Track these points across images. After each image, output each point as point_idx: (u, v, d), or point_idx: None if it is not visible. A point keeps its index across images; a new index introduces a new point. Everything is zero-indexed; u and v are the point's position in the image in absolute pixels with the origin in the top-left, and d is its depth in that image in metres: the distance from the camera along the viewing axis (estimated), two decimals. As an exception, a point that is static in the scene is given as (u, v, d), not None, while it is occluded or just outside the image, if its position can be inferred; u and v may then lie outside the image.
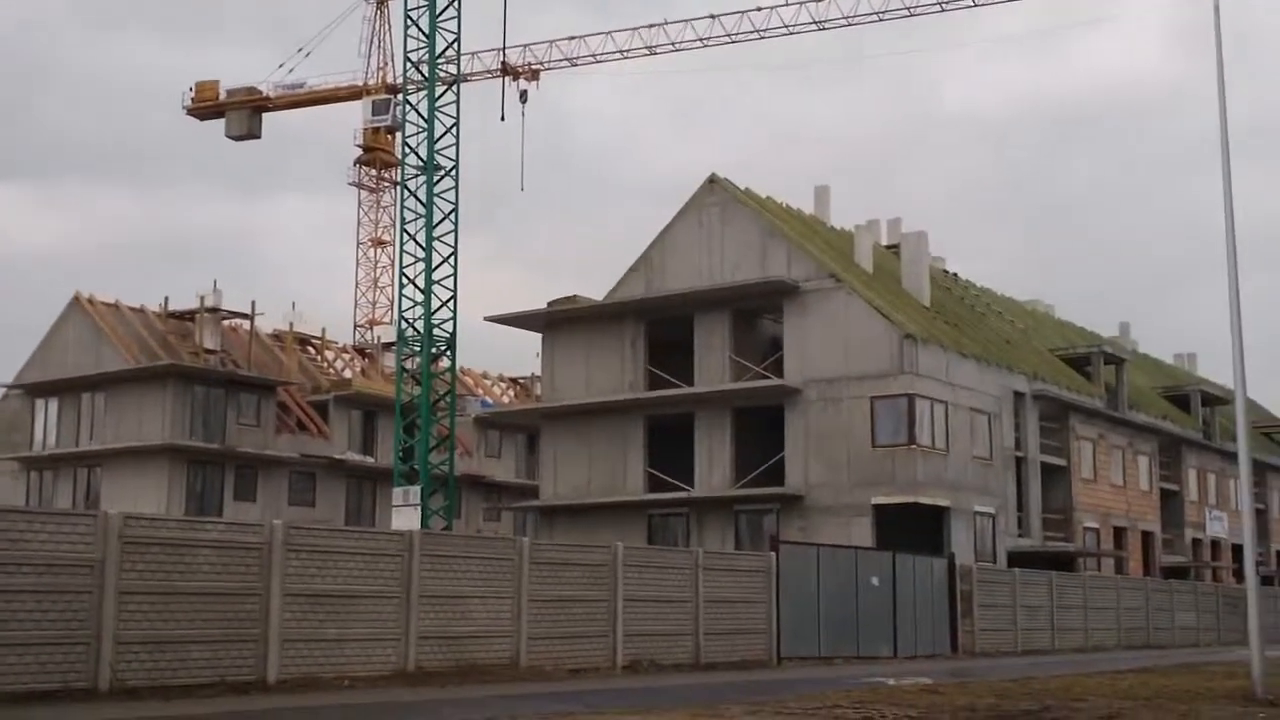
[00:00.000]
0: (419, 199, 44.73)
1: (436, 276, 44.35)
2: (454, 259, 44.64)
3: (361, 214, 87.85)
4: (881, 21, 53.37)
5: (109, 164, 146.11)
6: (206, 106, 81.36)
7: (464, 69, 48.01)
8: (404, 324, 45.21)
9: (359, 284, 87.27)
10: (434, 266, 44.29)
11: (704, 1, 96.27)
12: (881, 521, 42.12)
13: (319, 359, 64.11)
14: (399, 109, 61.35)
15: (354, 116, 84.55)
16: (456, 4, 45.46)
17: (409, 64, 45.76)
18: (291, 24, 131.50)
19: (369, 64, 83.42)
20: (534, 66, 59.73)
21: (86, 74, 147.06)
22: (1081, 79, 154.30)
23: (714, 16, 56.07)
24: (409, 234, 44.97)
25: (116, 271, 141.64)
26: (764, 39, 55.14)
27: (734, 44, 56.16)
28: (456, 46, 45.65)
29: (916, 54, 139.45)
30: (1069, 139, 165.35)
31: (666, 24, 57.72)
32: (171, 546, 18.79)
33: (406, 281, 44.92)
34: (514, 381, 71.60)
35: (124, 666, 17.94)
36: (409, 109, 45.94)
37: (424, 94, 45.24)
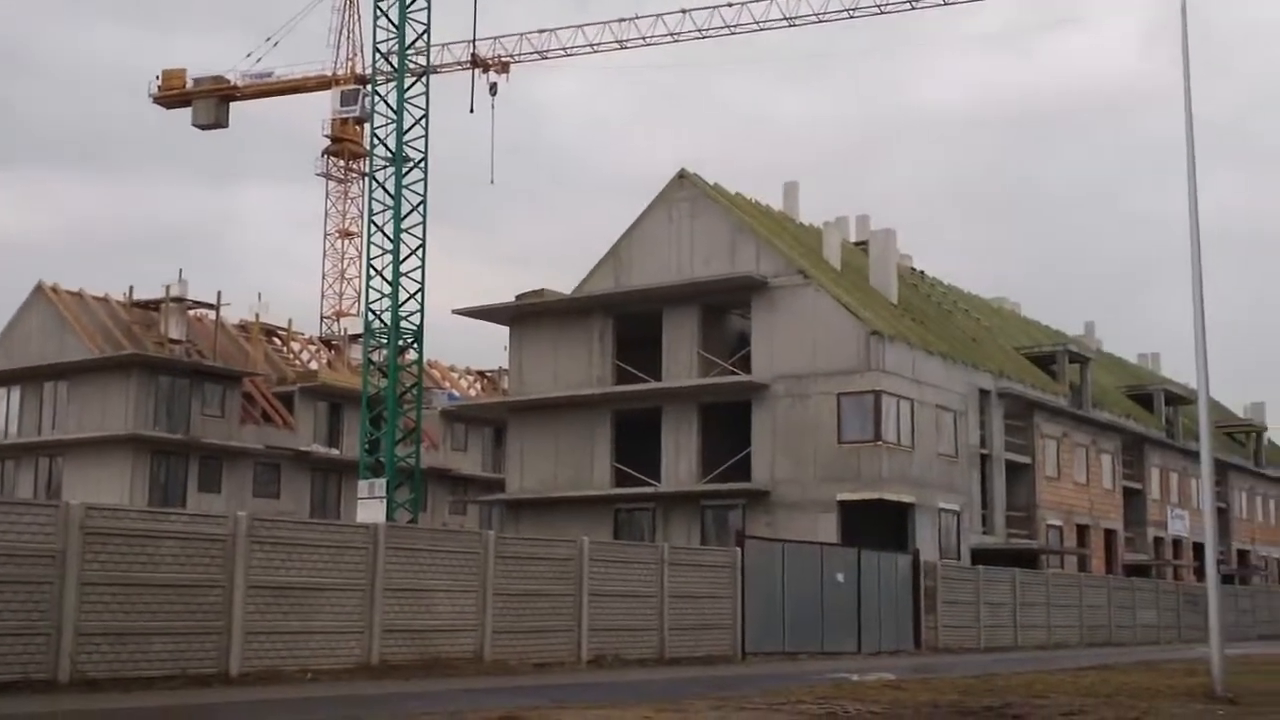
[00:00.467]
0: (387, 190, 44.57)
1: (404, 269, 44.20)
2: (422, 251, 44.51)
3: (329, 205, 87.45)
4: (852, 19, 53.44)
5: (74, 152, 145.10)
6: (173, 95, 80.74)
7: (434, 60, 47.84)
8: (371, 316, 45.04)
9: (326, 275, 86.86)
10: (402, 259, 44.14)
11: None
12: (847, 517, 42.25)
13: (285, 350, 63.84)
14: (368, 100, 61.03)
15: (322, 107, 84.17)
16: (426, -5, 45.29)
17: (378, 55, 45.56)
18: (260, 13, 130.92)
19: (338, 54, 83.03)
20: (504, 59, 59.59)
21: (52, 60, 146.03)
22: (1051, 78, 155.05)
23: (685, 11, 56.03)
24: (377, 225, 44.81)
25: (81, 260, 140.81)
26: (735, 34, 55.15)
27: (705, 39, 56.14)
28: (426, 38, 45.49)
29: (887, 52, 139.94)
30: (1038, 138, 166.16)
31: (637, 18, 57.69)
32: (134, 538, 18.67)
33: (374, 273, 44.77)
34: (481, 374, 71.47)
35: (84, 658, 17.81)
36: (378, 100, 45.76)
37: (393, 85, 45.07)
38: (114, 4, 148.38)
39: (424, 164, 44.65)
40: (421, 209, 44.53)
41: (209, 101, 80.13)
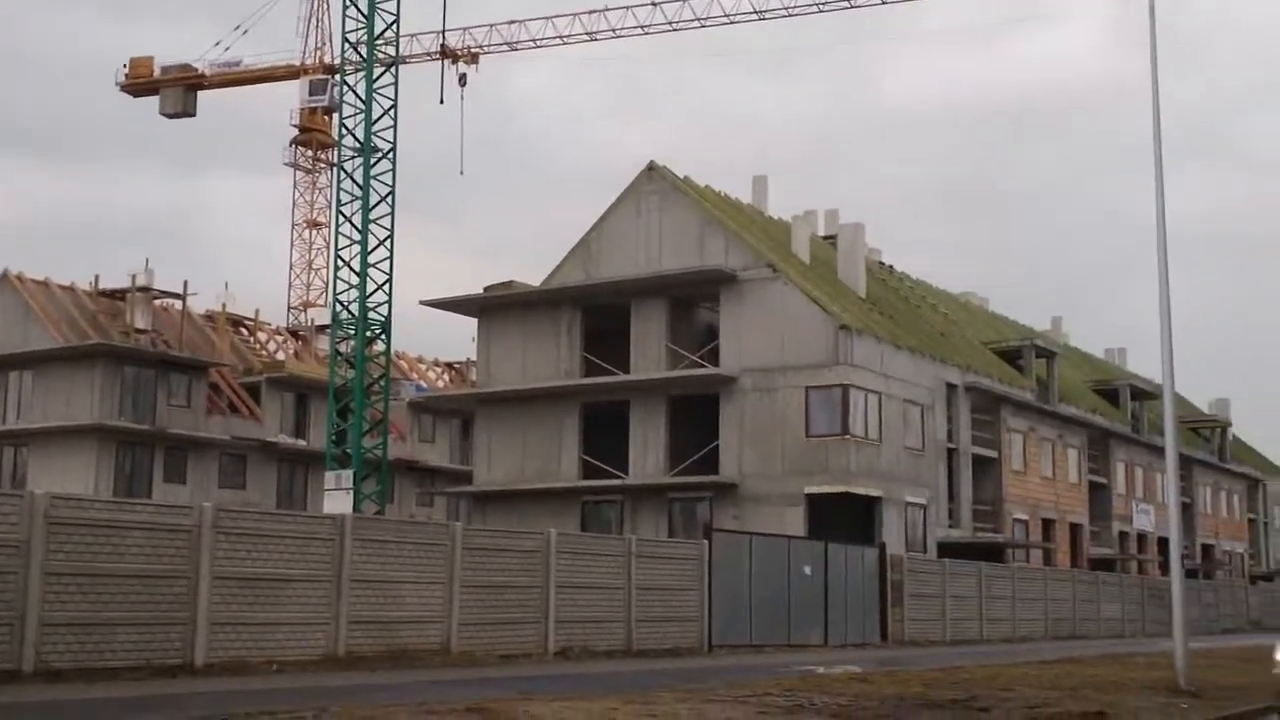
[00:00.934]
0: (355, 181, 44.41)
1: (372, 259, 44.05)
2: (390, 242, 44.37)
3: (297, 195, 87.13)
4: (822, 12, 53.47)
5: (41, 139, 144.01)
6: (140, 83, 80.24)
7: (403, 51, 47.69)
8: (338, 307, 44.88)
9: (294, 266, 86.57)
10: (370, 249, 43.99)
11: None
12: (814, 511, 42.33)
13: (252, 340, 63.54)
14: (336, 90, 60.73)
15: (291, 96, 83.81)
16: (396, -15, 45.11)
17: (347, 44, 45.39)
18: (229, 1, 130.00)
19: (306, 43, 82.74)
20: (473, 50, 59.33)
21: (17, 46, 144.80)
22: (1021, 75, 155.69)
23: (655, 4, 55.90)
24: (345, 216, 44.65)
25: (47, 249, 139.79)
26: (705, 27, 55.09)
27: (675, 32, 56.05)
28: (395, 28, 45.36)
29: (856, 47, 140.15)
30: (1007, 134, 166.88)
31: (607, 10, 57.50)
32: (99, 528, 18.56)
33: (342, 264, 44.60)
34: (449, 366, 71.29)
35: (49, 648, 17.71)
36: (346, 90, 45.57)
37: (362, 75, 44.90)
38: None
39: (392, 155, 44.52)
40: (390, 200, 44.38)
41: (176, 90, 79.65)
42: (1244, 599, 68.93)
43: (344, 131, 45.68)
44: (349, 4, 45.07)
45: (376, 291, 44.15)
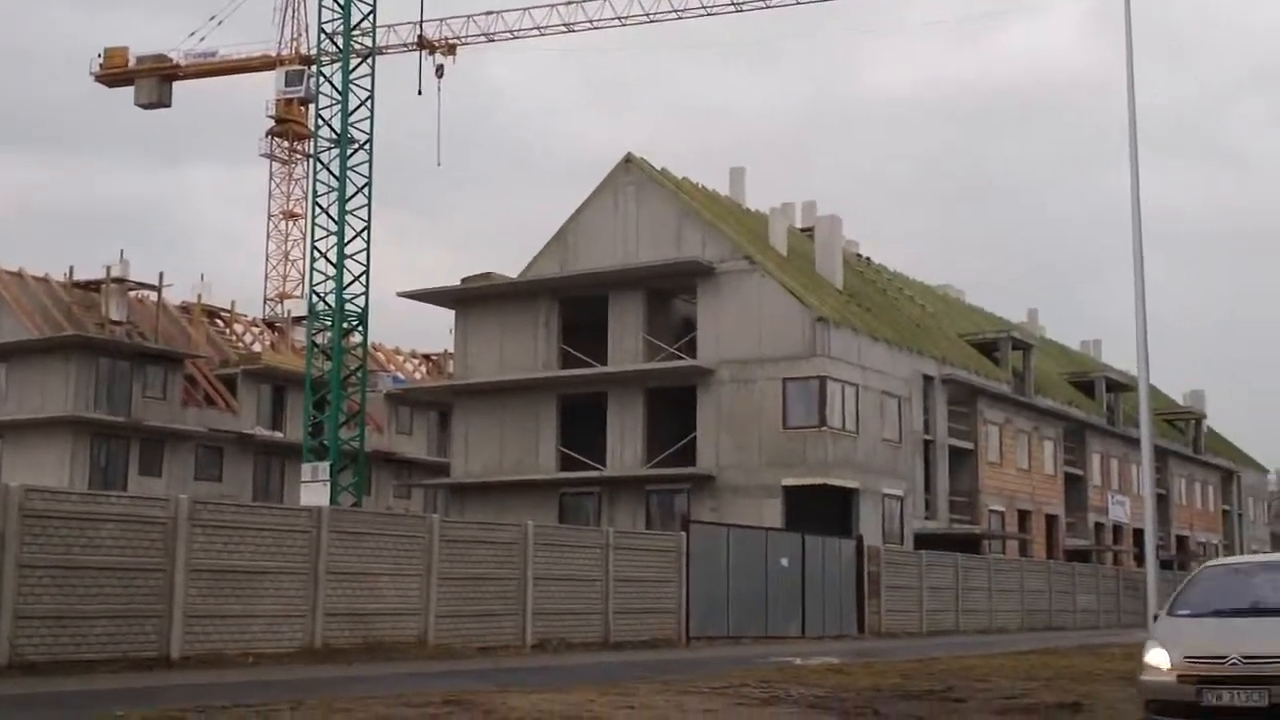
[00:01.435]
0: (332, 172, 44.19)
1: (349, 251, 43.84)
2: (367, 234, 44.18)
3: (273, 186, 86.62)
4: (799, 5, 53.57)
5: (13, 128, 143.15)
6: (115, 74, 79.70)
7: (380, 42, 47.54)
8: (315, 298, 44.69)
9: (270, 257, 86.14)
10: (346, 241, 43.81)
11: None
12: (792, 502, 42.42)
13: (228, 332, 63.33)
14: (313, 80, 60.49)
15: (267, 87, 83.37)
16: (373, -25, 44.89)
17: (323, 35, 45.15)
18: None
19: (283, 34, 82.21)
20: (450, 41, 59.29)
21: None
22: (1000, 68, 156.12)
23: (632, -5, 56.01)
24: (321, 207, 44.42)
25: (21, 240, 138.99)
26: (682, 19, 55.21)
27: (652, 23, 56.15)
28: (372, 19, 45.12)
29: (836, 38, 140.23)
30: (985, 127, 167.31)
31: (585, 1, 57.55)
32: (74, 520, 18.47)
33: (318, 255, 44.41)
34: (427, 358, 71.19)
35: (23, 641, 17.62)
36: (323, 81, 45.35)
37: (338, 66, 44.67)
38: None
39: (369, 146, 44.30)
40: (366, 191, 44.17)
41: (151, 80, 79.13)
42: (1218, 590, 69.15)
43: (320, 122, 45.45)
44: (326, -6, 44.81)
45: (353, 283, 43.96)
